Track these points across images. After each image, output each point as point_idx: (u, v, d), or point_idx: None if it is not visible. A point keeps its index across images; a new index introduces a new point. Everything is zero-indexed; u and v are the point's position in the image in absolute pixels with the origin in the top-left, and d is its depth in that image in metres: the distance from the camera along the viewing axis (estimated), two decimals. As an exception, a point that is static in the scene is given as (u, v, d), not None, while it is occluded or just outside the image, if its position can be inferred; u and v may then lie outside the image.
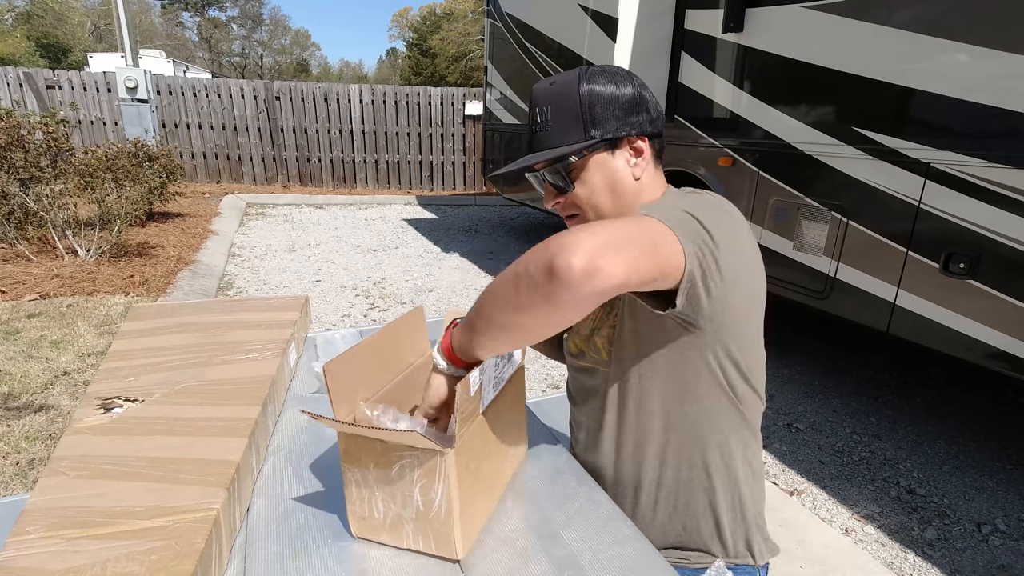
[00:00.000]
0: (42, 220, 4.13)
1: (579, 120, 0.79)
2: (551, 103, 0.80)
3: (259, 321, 1.17)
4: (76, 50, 32.21)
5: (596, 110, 0.79)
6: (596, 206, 0.82)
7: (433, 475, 0.62)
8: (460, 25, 30.70)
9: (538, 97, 0.82)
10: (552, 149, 0.80)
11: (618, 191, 0.81)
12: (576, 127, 0.79)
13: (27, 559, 0.57)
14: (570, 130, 0.79)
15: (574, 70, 0.81)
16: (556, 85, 0.81)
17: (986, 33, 1.88)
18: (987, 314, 1.95)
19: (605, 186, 0.81)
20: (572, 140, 0.79)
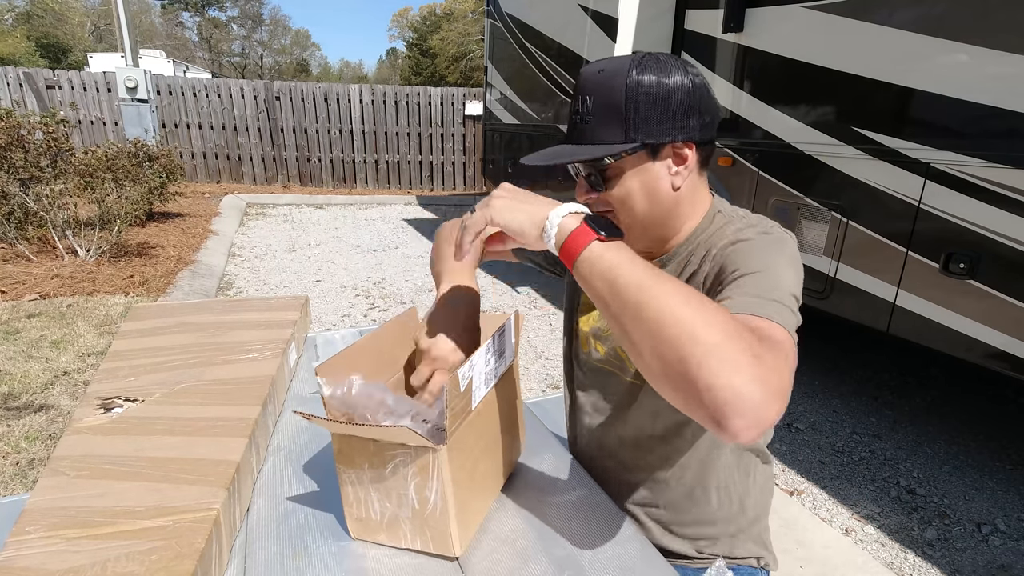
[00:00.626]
0: (42, 220, 4.13)
1: (621, 119, 0.71)
2: (595, 92, 0.72)
3: (259, 321, 1.17)
4: (76, 50, 32.21)
5: (641, 110, 0.70)
6: (629, 211, 0.76)
7: (427, 472, 0.62)
8: (460, 25, 30.69)
9: (584, 83, 0.74)
10: (588, 146, 0.73)
11: (654, 200, 0.75)
12: (617, 125, 0.71)
13: (27, 559, 0.57)
14: (611, 127, 0.71)
15: (626, 56, 0.73)
16: (604, 73, 0.72)
17: (986, 33, 1.88)
18: (987, 314, 1.95)
19: (641, 192, 0.75)
20: (611, 139, 0.72)
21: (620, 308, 0.55)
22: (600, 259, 0.56)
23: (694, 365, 0.49)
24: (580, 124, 0.74)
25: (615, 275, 0.55)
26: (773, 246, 0.71)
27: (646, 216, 0.76)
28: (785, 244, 0.72)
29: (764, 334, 0.55)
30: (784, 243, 0.72)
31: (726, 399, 0.47)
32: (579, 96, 0.74)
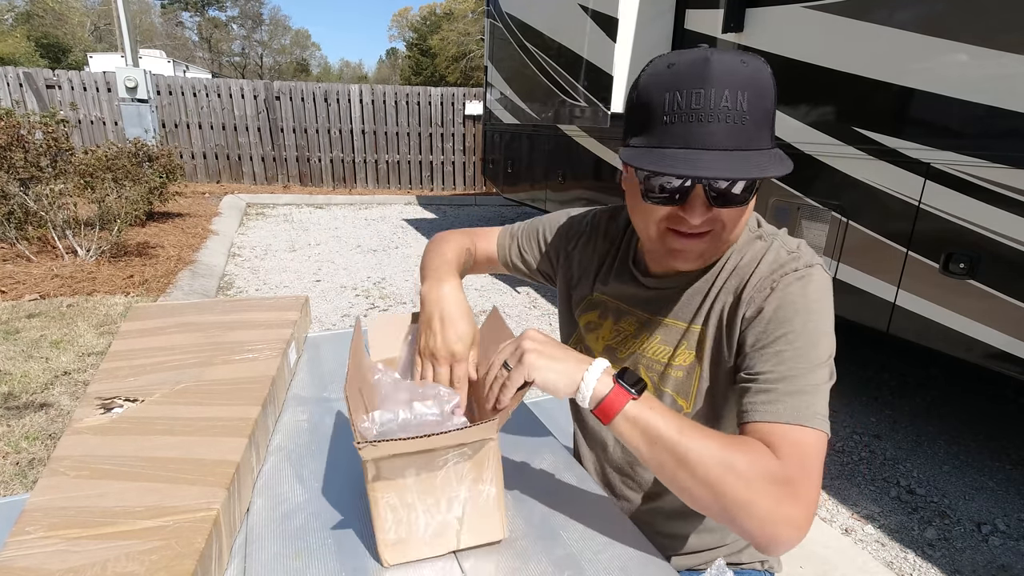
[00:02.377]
0: (42, 220, 4.13)
1: (770, 121, 0.62)
2: (748, 88, 0.59)
3: (259, 321, 1.17)
4: (76, 50, 32.22)
5: (774, 111, 0.63)
6: (734, 228, 0.69)
7: (483, 464, 0.62)
8: (460, 25, 30.70)
9: (730, 75, 0.59)
10: (755, 152, 0.60)
11: (748, 216, 0.71)
12: (768, 130, 0.62)
13: (27, 559, 0.57)
14: (764, 132, 0.61)
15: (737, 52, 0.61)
16: (750, 66, 0.60)
17: (986, 33, 1.88)
18: (987, 314, 1.95)
19: (751, 207, 0.69)
20: (765, 144, 0.62)
21: (659, 462, 0.61)
22: (636, 420, 0.61)
23: (733, 514, 0.58)
24: (731, 124, 0.59)
25: (652, 436, 0.60)
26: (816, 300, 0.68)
27: (740, 229, 0.71)
28: (824, 291, 0.69)
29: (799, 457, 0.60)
30: (824, 290, 0.69)
31: (766, 543, 0.58)
32: (724, 91, 0.58)
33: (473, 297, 4.19)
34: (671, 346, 0.78)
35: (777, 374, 0.64)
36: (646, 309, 0.82)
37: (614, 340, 0.85)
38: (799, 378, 0.64)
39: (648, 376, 0.80)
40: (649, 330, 0.80)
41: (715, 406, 0.77)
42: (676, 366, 0.77)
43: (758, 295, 0.70)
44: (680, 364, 0.77)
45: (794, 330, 0.66)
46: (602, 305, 0.88)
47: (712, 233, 0.68)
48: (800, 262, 0.70)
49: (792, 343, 0.65)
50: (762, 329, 0.68)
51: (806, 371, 0.64)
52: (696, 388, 0.76)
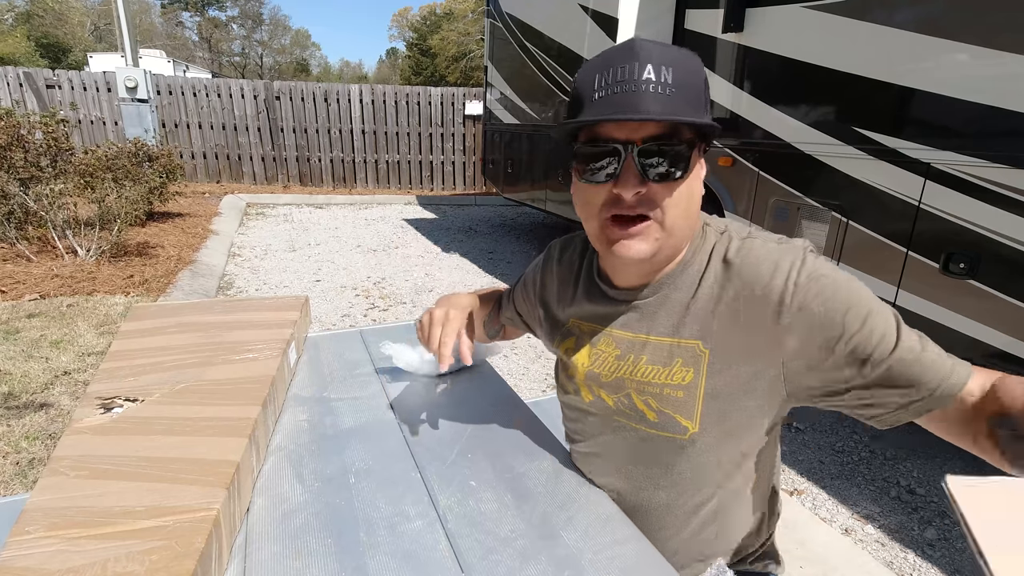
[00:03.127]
0: (42, 220, 4.13)
1: (702, 102, 0.63)
2: (674, 66, 0.61)
3: (259, 321, 1.17)
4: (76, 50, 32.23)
5: (707, 97, 0.64)
6: (680, 212, 0.66)
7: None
8: (460, 25, 30.71)
9: (655, 52, 0.62)
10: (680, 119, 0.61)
11: (693, 204, 0.68)
12: (701, 106, 0.63)
13: (27, 559, 0.57)
14: (695, 107, 0.62)
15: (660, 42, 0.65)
16: (672, 49, 0.63)
17: (986, 33, 1.88)
18: (987, 314, 1.95)
19: (691, 193, 0.67)
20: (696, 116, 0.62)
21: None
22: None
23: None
24: (655, 93, 0.60)
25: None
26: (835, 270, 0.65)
27: (684, 221, 0.67)
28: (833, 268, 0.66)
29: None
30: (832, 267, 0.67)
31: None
32: (647, 65, 0.61)
33: (473, 297, 4.19)
34: (663, 366, 0.72)
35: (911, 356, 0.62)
36: (623, 327, 0.77)
37: (595, 365, 0.79)
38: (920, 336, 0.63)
39: (642, 400, 0.74)
40: (633, 351, 0.75)
41: (723, 425, 0.71)
42: (674, 386, 0.71)
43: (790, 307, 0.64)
44: (678, 383, 0.71)
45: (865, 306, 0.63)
46: (576, 329, 0.83)
47: (652, 220, 0.65)
48: (798, 255, 0.67)
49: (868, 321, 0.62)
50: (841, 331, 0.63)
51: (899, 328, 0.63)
52: (701, 408, 0.70)
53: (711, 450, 0.73)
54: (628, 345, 0.76)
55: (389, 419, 0.97)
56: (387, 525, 0.71)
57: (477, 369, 1.19)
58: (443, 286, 4.44)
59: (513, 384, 2.77)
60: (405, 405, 1.03)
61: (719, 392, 0.69)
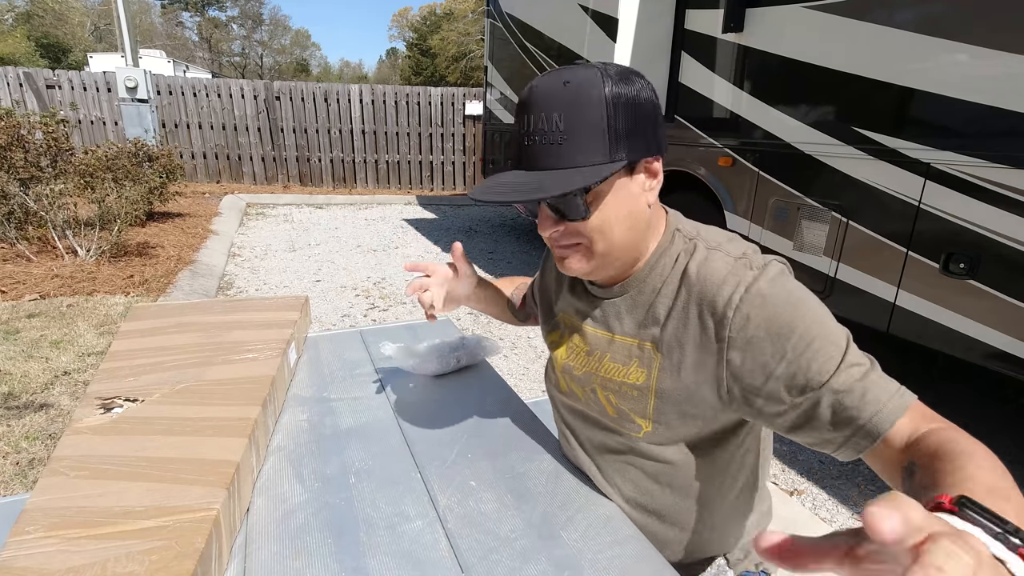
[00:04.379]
0: (42, 220, 4.13)
1: (604, 135, 0.63)
2: (567, 109, 0.63)
3: (259, 321, 1.18)
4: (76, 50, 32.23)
5: (622, 124, 0.64)
6: (607, 238, 0.69)
7: None
8: (460, 25, 30.71)
9: (547, 98, 0.64)
10: (567, 171, 0.63)
11: (633, 221, 0.69)
12: (599, 143, 0.63)
13: (27, 559, 0.57)
14: (591, 146, 0.63)
15: (587, 66, 0.65)
16: (572, 85, 0.63)
17: (986, 33, 1.88)
18: (987, 314, 1.95)
19: (621, 215, 0.68)
20: (591, 159, 0.63)
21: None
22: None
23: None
24: (547, 144, 0.64)
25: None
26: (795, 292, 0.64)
27: (622, 240, 0.70)
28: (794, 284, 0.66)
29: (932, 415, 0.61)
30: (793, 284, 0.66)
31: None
32: (540, 114, 0.64)
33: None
34: (622, 364, 0.75)
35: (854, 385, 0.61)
36: (595, 324, 0.79)
37: (569, 358, 0.83)
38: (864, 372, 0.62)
39: (604, 396, 0.77)
40: (600, 348, 0.78)
41: (671, 426, 0.73)
42: (630, 384, 0.74)
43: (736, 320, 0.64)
44: (633, 383, 0.73)
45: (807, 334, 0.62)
46: (561, 323, 0.87)
47: (582, 245, 0.70)
48: (756, 266, 0.66)
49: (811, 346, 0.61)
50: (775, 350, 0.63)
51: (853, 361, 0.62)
52: (652, 408, 0.72)
53: (665, 451, 0.75)
54: (597, 342, 0.79)
55: (389, 419, 0.97)
56: (387, 525, 0.71)
57: (477, 369, 1.19)
58: (443, 286, 4.44)
59: (513, 384, 2.77)
60: (405, 405, 1.03)
61: (668, 396, 0.71)
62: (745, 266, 0.66)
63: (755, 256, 0.69)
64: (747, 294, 0.64)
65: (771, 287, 0.64)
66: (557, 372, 0.86)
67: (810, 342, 0.61)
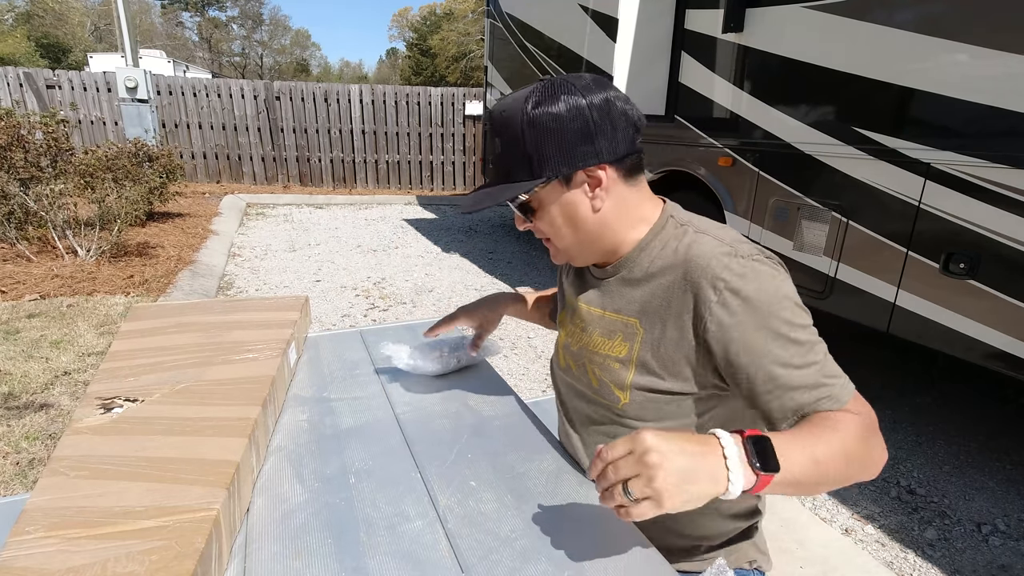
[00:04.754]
0: (42, 220, 4.13)
1: (525, 157, 0.73)
2: (501, 134, 0.75)
3: (259, 321, 1.17)
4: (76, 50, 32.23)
5: (542, 147, 0.72)
6: (560, 236, 0.79)
7: None
8: (460, 25, 30.71)
9: (493, 123, 0.77)
10: (504, 186, 0.76)
11: (578, 225, 0.77)
12: (524, 163, 0.74)
13: (27, 559, 0.57)
14: (520, 166, 0.75)
15: (526, 89, 0.74)
16: (505, 115, 0.74)
17: (986, 33, 1.88)
18: (987, 314, 1.95)
19: (564, 220, 0.77)
20: (523, 176, 0.75)
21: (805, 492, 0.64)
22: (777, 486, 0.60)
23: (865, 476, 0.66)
24: (496, 164, 0.78)
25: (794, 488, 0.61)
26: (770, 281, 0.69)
27: (573, 240, 0.79)
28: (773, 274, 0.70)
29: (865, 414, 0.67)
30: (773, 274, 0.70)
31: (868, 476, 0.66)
32: (492, 138, 0.77)
33: (473, 297, 4.19)
34: (607, 338, 0.81)
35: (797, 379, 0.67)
36: (589, 301, 0.86)
37: (569, 335, 0.90)
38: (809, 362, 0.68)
39: (591, 368, 0.83)
40: (592, 323, 0.84)
41: (651, 400, 0.77)
42: (612, 357, 0.80)
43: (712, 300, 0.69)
44: (616, 355, 0.79)
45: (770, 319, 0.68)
46: (567, 303, 0.94)
47: (551, 239, 0.81)
48: (740, 253, 0.70)
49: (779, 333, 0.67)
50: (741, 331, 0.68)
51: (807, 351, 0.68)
52: (631, 381, 0.78)
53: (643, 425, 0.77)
54: (589, 318, 0.85)
55: (389, 419, 0.97)
56: (387, 525, 0.71)
57: (477, 369, 1.19)
58: (443, 286, 4.44)
59: (513, 384, 2.77)
60: (405, 405, 1.03)
61: (647, 368, 0.76)
62: (731, 252, 0.71)
63: (742, 244, 0.73)
64: (729, 277, 0.69)
65: (743, 282, 0.69)
66: (560, 349, 0.93)
67: (771, 339, 0.67)
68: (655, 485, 0.53)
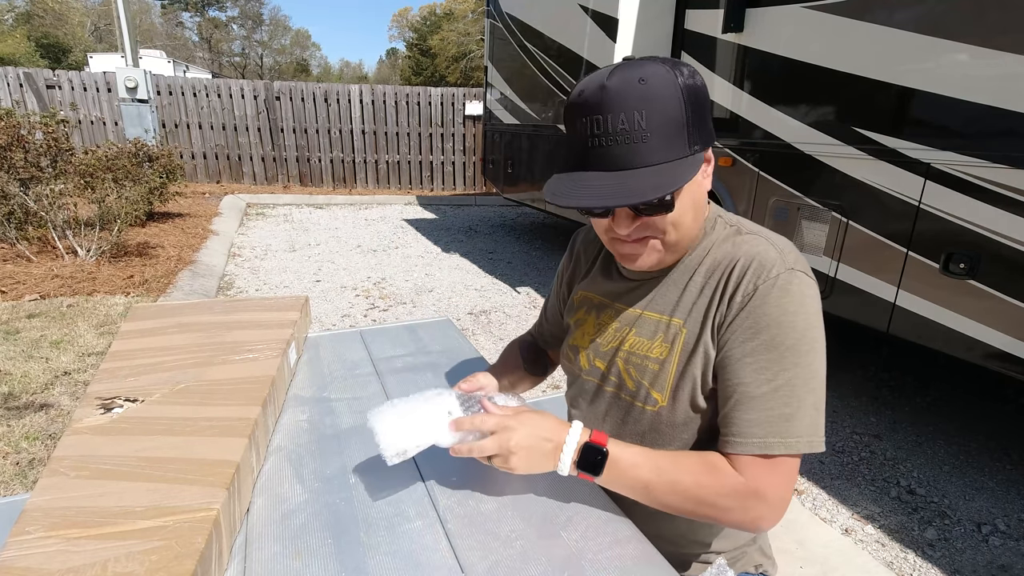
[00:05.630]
0: (42, 220, 4.13)
1: (683, 129, 0.65)
2: (647, 106, 0.63)
3: (259, 321, 1.17)
4: (76, 50, 32.23)
5: (695, 117, 0.66)
6: (681, 228, 0.72)
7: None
8: (460, 25, 30.71)
9: (624, 96, 0.63)
10: (660, 166, 0.65)
11: (699, 208, 0.73)
12: (680, 138, 0.65)
13: (27, 559, 0.57)
14: (673, 141, 0.65)
15: (651, 61, 0.65)
16: (648, 83, 0.63)
17: (986, 33, 1.88)
18: (987, 314, 1.95)
19: (692, 205, 0.71)
20: (676, 153, 0.65)
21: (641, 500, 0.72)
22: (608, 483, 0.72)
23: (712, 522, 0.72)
24: (629, 144, 0.64)
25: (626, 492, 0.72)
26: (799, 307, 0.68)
27: (692, 227, 0.73)
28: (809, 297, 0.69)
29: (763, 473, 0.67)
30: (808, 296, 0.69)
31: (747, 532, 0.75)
32: (619, 114, 0.63)
33: (473, 297, 4.19)
34: (648, 339, 0.78)
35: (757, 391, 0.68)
36: (624, 301, 0.83)
37: (597, 335, 0.86)
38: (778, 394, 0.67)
39: (625, 369, 0.80)
40: (628, 323, 0.81)
41: (690, 402, 0.75)
42: (652, 359, 0.77)
43: (740, 297, 0.70)
44: (656, 357, 0.77)
45: (778, 340, 0.68)
46: (587, 302, 0.90)
47: (653, 238, 0.72)
48: (785, 264, 0.70)
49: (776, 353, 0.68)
50: (745, 336, 0.69)
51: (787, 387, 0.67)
52: (671, 383, 0.75)
53: (680, 428, 0.77)
54: (625, 318, 0.82)
55: (389, 419, 0.97)
56: (387, 525, 0.71)
57: (478, 368, 1.19)
58: (443, 286, 4.44)
59: (513, 384, 2.77)
60: (405, 405, 1.03)
61: (689, 370, 0.74)
62: (777, 263, 0.70)
63: (789, 255, 0.72)
64: (758, 291, 0.69)
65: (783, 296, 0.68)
66: (580, 350, 0.88)
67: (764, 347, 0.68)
68: (510, 464, 0.71)
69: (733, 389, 0.70)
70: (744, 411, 0.68)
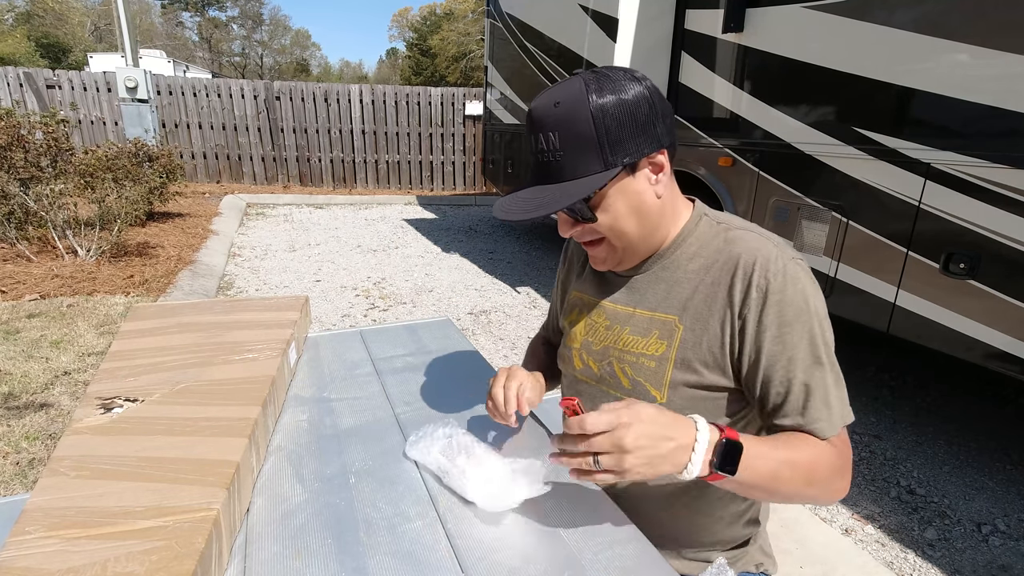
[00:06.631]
0: (42, 220, 4.13)
1: (595, 146, 0.69)
2: (559, 128, 0.69)
3: (259, 321, 1.17)
4: (76, 50, 32.22)
5: (612, 133, 0.69)
6: (620, 233, 0.75)
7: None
8: (460, 25, 30.71)
9: (542, 120, 0.71)
10: (568, 183, 0.70)
11: (642, 214, 0.75)
12: (593, 154, 0.69)
13: (27, 559, 0.57)
14: (586, 158, 0.69)
15: (575, 80, 0.70)
16: (562, 106, 0.69)
17: (986, 33, 1.88)
18: (987, 314, 1.95)
19: (629, 212, 0.74)
20: (589, 170, 0.70)
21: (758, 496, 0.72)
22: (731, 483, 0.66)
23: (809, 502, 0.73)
24: (549, 161, 0.71)
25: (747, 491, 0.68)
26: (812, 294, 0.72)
27: (637, 232, 0.76)
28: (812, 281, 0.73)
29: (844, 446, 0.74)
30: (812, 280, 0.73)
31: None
32: (539, 134, 0.71)
33: (473, 297, 4.19)
34: (642, 336, 0.79)
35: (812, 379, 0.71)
36: (615, 301, 0.84)
37: (588, 334, 0.87)
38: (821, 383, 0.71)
39: (620, 368, 0.81)
40: (620, 321, 0.82)
41: (689, 397, 0.76)
42: (648, 356, 0.78)
43: (756, 293, 0.71)
44: (652, 354, 0.77)
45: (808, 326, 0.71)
46: (579, 303, 0.91)
47: (605, 240, 0.77)
48: (784, 256, 0.72)
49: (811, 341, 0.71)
50: (777, 332, 0.71)
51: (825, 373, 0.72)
52: (668, 379, 0.76)
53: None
54: (617, 317, 0.83)
55: (389, 419, 0.97)
56: (387, 525, 0.71)
57: (477, 368, 1.19)
58: (443, 286, 4.44)
59: (513, 384, 2.77)
60: (405, 405, 1.03)
61: (688, 366, 0.75)
62: (776, 253, 0.72)
63: (786, 247, 0.75)
64: (773, 276, 0.71)
65: (795, 279, 0.71)
66: (573, 350, 0.89)
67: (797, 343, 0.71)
68: (624, 466, 0.60)
69: (790, 382, 0.72)
70: (814, 399, 0.71)
